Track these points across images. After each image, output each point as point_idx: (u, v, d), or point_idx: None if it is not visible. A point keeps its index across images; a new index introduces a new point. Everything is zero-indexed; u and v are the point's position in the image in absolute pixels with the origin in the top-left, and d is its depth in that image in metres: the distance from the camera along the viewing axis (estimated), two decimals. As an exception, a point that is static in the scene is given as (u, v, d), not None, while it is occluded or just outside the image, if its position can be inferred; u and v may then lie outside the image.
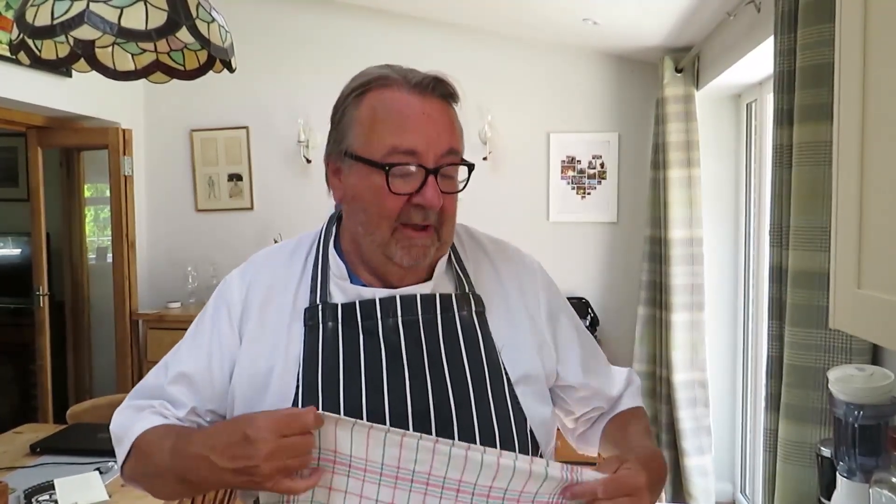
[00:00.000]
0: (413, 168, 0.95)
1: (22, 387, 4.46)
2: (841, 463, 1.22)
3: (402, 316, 0.99)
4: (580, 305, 3.60)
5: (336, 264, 1.04)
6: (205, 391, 1.01)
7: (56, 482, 1.78)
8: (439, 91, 0.99)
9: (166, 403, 1.02)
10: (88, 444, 2.09)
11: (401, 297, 1.00)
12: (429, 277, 1.04)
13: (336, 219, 1.10)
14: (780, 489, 1.65)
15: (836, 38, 0.97)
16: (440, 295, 1.02)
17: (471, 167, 1.01)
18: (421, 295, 1.01)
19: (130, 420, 1.01)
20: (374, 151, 0.96)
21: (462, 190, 1.01)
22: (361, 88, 0.99)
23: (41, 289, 3.78)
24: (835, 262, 0.98)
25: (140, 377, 3.91)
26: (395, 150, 0.95)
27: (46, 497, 1.72)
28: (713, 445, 3.18)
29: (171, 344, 3.52)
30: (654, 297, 3.33)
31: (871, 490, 1.07)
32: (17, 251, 4.76)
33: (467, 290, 1.05)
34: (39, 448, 2.06)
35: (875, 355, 1.53)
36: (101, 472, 1.88)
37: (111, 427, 1.04)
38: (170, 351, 1.09)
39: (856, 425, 1.19)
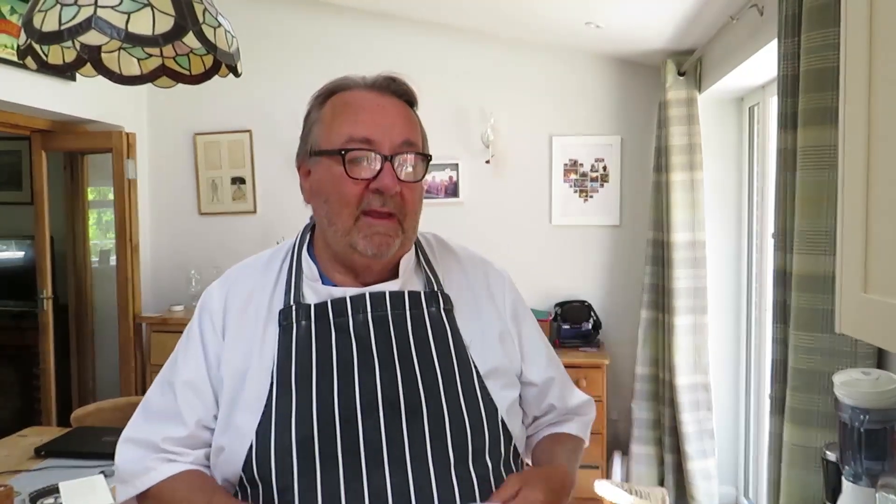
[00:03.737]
0: (371, 155, 1.01)
1: (25, 390, 4.46)
2: (846, 467, 1.22)
3: (371, 311, 1.04)
4: (583, 308, 3.59)
5: (308, 267, 1.09)
6: (207, 396, 1.04)
7: (61, 486, 1.78)
8: (393, 89, 1.07)
9: (170, 436, 1.04)
10: (93, 447, 2.09)
11: (370, 293, 1.05)
12: (397, 276, 1.08)
13: (311, 227, 1.15)
14: (786, 493, 1.65)
15: (842, 42, 0.97)
16: (409, 292, 1.07)
17: (427, 158, 1.07)
18: (390, 292, 1.06)
19: (140, 463, 1.04)
20: (333, 142, 1.03)
21: (421, 180, 1.06)
22: (324, 94, 1.08)
23: (45, 292, 3.79)
24: (841, 266, 0.98)
25: (143, 380, 3.89)
26: (352, 138, 1.01)
27: (51, 500, 1.72)
28: (716, 449, 3.17)
29: (174, 347, 3.52)
30: (657, 301, 3.33)
31: (877, 494, 1.07)
32: (20, 254, 4.76)
33: (436, 289, 1.09)
34: (44, 451, 2.06)
35: (880, 359, 1.53)
36: (105, 476, 1.88)
37: (117, 461, 1.07)
38: (163, 369, 1.12)
39: (861, 429, 1.18)
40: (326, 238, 1.07)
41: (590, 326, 3.53)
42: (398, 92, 1.08)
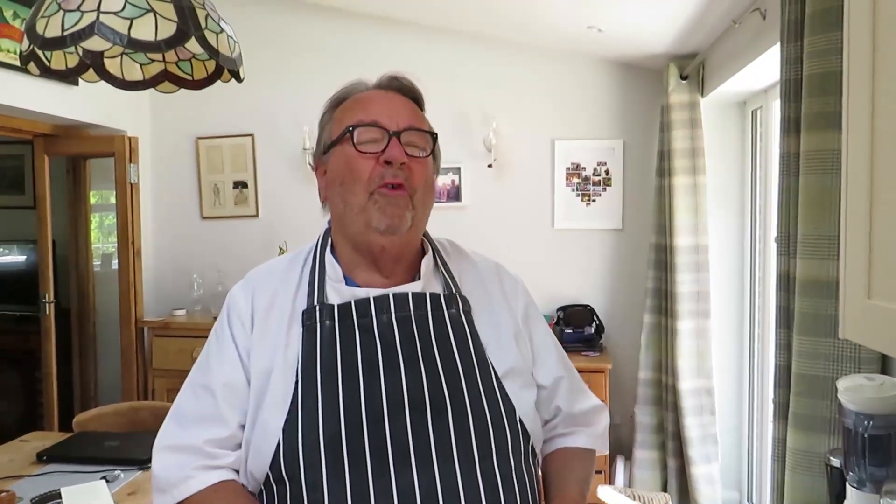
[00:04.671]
0: (377, 131, 1.05)
1: (28, 394, 4.46)
2: (851, 473, 1.22)
3: (395, 312, 1.06)
4: (585, 313, 3.59)
5: (332, 267, 1.11)
6: (245, 397, 1.06)
7: (63, 491, 1.78)
8: (396, 86, 1.13)
9: (212, 438, 1.04)
10: (95, 452, 2.09)
11: (393, 294, 1.07)
12: (418, 278, 1.11)
13: (331, 230, 1.17)
14: (789, 499, 1.64)
15: (845, 46, 0.97)
16: (430, 294, 1.09)
17: (433, 136, 1.11)
18: (413, 293, 1.08)
19: (181, 471, 1.04)
20: (343, 128, 1.08)
21: (429, 155, 1.10)
22: (337, 100, 1.14)
23: (47, 296, 3.79)
24: (844, 272, 0.98)
25: (145, 384, 3.87)
26: (360, 122, 1.07)
27: (53, 506, 1.72)
28: (720, 453, 3.16)
29: (176, 351, 3.51)
30: (660, 305, 3.32)
31: (881, 501, 1.06)
32: (22, 258, 4.77)
33: (454, 291, 1.12)
34: (46, 456, 2.06)
35: (884, 365, 1.53)
36: (107, 481, 1.88)
37: (155, 469, 1.07)
38: (192, 374, 1.12)
39: (865, 435, 1.18)
40: (344, 225, 1.09)
41: (592, 331, 3.52)
42: (402, 89, 1.14)
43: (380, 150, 1.05)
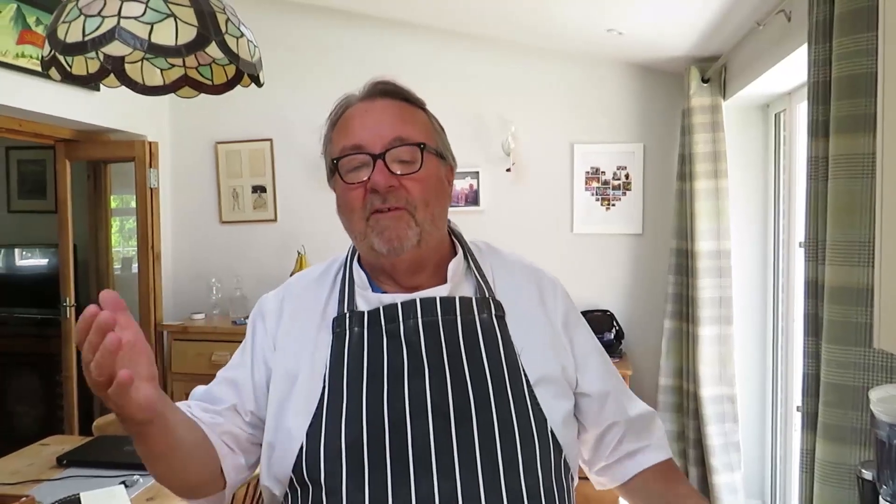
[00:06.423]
0: (361, 157, 1.03)
1: (48, 397, 4.50)
2: (884, 487, 1.18)
3: (422, 317, 1.04)
4: (605, 318, 3.55)
5: (359, 275, 1.11)
6: (246, 394, 1.08)
7: (82, 495, 1.78)
8: (380, 90, 1.09)
9: (204, 404, 1.08)
10: (114, 456, 2.09)
11: (421, 299, 1.05)
12: (446, 281, 1.09)
13: None
14: (818, 511, 1.61)
15: (880, 48, 0.94)
16: (460, 298, 1.07)
17: (420, 146, 1.06)
18: (440, 297, 1.06)
19: None
20: (333, 154, 1.08)
21: (419, 171, 1.05)
22: (334, 117, 1.12)
23: (68, 299, 3.82)
24: (879, 279, 0.95)
25: (165, 388, 3.92)
26: (345, 148, 1.05)
27: (72, 511, 1.72)
28: (742, 462, 3.11)
29: (195, 355, 3.55)
30: (681, 310, 3.28)
31: (919, 517, 1.03)
32: (44, 262, 4.82)
33: (487, 295, 1.09)
34: (66, 461, 2.07)
35: (917, 374, 1.48)
36: (126, 486, 1.88)
37: None
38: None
39: (900, 448, 1.14)
40: (356, 246, 1.12)
41: (612, 336, 3.48)
42: (387, 92, 1.10)
43: (366, 178, 1.03)
